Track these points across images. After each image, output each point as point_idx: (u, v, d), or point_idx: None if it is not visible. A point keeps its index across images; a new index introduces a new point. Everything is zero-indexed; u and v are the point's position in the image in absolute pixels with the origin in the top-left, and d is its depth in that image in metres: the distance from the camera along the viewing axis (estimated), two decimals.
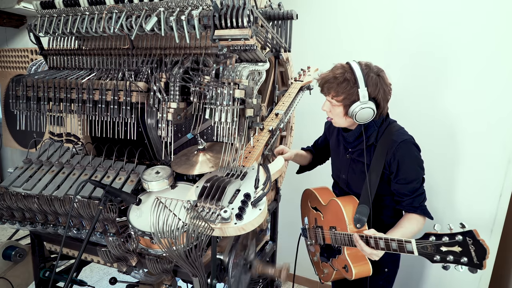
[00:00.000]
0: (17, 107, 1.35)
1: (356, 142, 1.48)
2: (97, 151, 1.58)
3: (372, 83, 1.31)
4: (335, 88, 1.34)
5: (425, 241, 1.11)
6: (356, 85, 1.30)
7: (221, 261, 1.22)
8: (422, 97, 2.12)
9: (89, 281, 2.45)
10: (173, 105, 1.16)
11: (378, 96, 1.33)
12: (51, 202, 1.26)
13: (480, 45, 1.94)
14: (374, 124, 1.42)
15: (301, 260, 1.87)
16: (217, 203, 1.08)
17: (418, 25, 2.08)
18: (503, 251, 2.10)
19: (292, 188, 2.64)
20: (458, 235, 1.05)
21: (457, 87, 2.04)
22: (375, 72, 1.33)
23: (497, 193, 2.00)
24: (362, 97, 1.30)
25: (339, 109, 1.38)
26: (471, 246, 1.02)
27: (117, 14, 1.22)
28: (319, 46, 2.39)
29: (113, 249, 1.15)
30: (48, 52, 1.47)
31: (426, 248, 1.10)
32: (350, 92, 1.31)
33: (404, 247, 1.17)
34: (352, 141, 1.48)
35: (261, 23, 1.18)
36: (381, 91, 1.33)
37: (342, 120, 1.42)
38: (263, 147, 1.40)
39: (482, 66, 1.95)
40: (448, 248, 1.06)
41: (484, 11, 1.90)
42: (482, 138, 2.00)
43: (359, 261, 1.38)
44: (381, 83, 1.33)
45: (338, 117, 1.41)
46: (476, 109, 2.00)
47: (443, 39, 2.02)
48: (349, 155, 1.52)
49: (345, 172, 1.56)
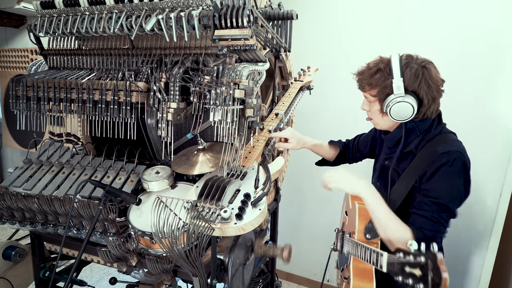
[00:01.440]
0: (17, 107, 1.35)
1: (395, 148, 1.27)
2: (97, 151, 1.58)
3: (411, 74, 1.12)
4: (368, 80, 1.18)
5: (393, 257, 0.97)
6: (390, 76, 1.13)
7: (221, 261, 1.22)
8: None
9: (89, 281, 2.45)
10: (173, 105, 1.16)
11: (420, 90, 1.12)
12: (51, 202, 1.26)
13: (480, 44, 1.94)
14: (418, 129, 1.20)
15: (301, 259, 1.87)
16: (217, 203, 1.08)
17: (418, 25, 2.08)
18: (503, 251, 2.10)
19: (292, 188, 2.65)
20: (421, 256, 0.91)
21: (457, 87, 2.03)
22: (418, 63, 1.14)
23: (497, 193, 2.00)
24: (396, 88, 1.11)
25: (376, 106, 1.21)
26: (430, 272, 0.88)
27: (117, 14, 1.22)
28: (319, 46, 2.40)
29: (113, 249, 1.15)
30: (48, 52, 1.47)
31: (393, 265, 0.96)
32: (384, 84, 1.14)
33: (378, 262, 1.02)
34: (392, 146, 1.29)
35: (261, 23, 1.18)
36: (424, 84, 1.12)
37: (381, 120, 1.24)
38: (263, 147, 1.40)
39: (482, 66, 1.95)
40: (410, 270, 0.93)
41: (484, 11, 1.90)
42: (482, 138, 2.00)
43: (361, 276, 1.25)
44: (424, 76, 1.12)
45: (376, 116, 1.24)
46: (476, 108, 2.00)
47: (443, 39, 2.02)
48: (388, 161, 1.33)
49: (379, 180, 1.38)
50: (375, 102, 1.21)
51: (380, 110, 1.21)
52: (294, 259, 1.77)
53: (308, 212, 2.69)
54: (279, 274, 2.74)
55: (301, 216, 2.74)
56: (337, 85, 2.35)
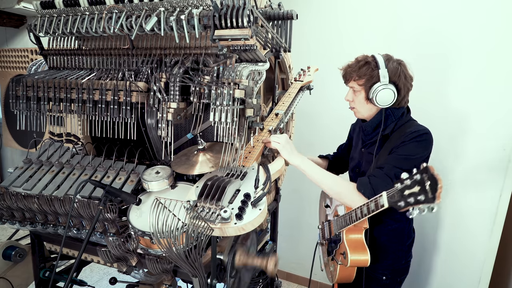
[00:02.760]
0: (17, 107, 1.35)
1: (374, 133, 1.47)
2: (97, 151, 1.58)
3: (393, 67, 1.34)
4: (357, 71, 1.37)
5: (393, 190, 1.11)
6: (377, 67, 1.34)
7: (221, 261, 1.22)
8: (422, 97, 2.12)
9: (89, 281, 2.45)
10: (173, 105, 1.16)
11: (399, 81, 1.34)
12: (51, 202, 1.26)
13: (480, 45, 1.94)
14: (393, 115, 1.41)
15: (301, 260, 1.87)
16: (217, 203, 1.08)
17: (418, 25, 2.08)
18: (503, 251, 2.10)
19: (292, 188, 2.65)
20: (416, 175, 1.04)
21: (457, 87, 2.04)
22: (395, 60, 1.37)
23: (497, 193, 2.00)
24: (383, 77, 1.32)
25: (361, 95, 1.40)
26: (427, 182, 1.00)
27: (117, 14, 1.22)
28: (319, 46, 2.40)
29: (113, 249, 1.15)
30: (48, 52, 1.47)
31: (393, 196, 1.10)
32: (372, 74, 1.34)
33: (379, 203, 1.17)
34: (370, 131, 1.48)
35: (261, 23, 1.18)
36: (402, 77, 1.35)
37: (364, 107, 1.42)
38: (263, 147, 1.40)
39: (482, 65, 1.95)
40: (409, 191, 1.05)
41: (484, 10, 1.90)
42: (482, 138, 2.00)
43: (357, 249, 1.38)
44: (401, 70, 1.35)
45: (360, 104, 1.42)
46: (476, 109, 2.00)
47: (443, 39, 2.02)
48: (364, 148, 1.52)
49: (359, 165, 1.56)
50: (360, 92, 1.40)
51: (365, 98, 1.39)
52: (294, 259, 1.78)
53: (308, 212, 2.69)
54: (279, 274, 2.74)
55: (301, 216, 2.74)
56: (337, 85, 2.34)
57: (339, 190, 1.37)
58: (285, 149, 1.35)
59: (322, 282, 2.71)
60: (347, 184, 1.38)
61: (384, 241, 1.47)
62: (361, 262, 1.37)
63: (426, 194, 0.99)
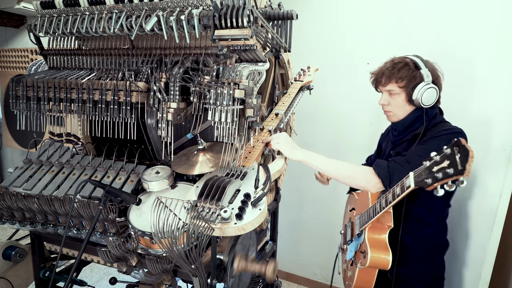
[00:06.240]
0: (17, 107, 1.35)
1: (404, 133, 1.41)
2: (97, 151, 1.58)
3: (430, 66, 1.33)
4: (396, 74, 1.33)
5: (420, 169, 1.06)
6: (417, 68, 1.31)
7: (221, 261, 1.22)
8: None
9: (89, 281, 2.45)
10: (173, 105, 1.16)
11: (437, 80, 1.33)
12: (51, 202, 1.26)
13: (480, 45, 1.94)
14: (426, 115, 1.36)
15: (301, 259, 1.87)
16: (217, 203, 1.08)
17: (418, 25, 2.08)
18: (503, 251, 2.10)
19: (292, 188, 2.65)
20: (447, 149, 0.98)
21: (457, 87, 2.03)
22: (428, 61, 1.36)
23: (497, 193, 2.00)
24: (426, 76, 1.30)
25: (400, 97, 1.36)
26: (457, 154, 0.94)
27: (117, 14, 1.22)
28: (319, 46, 2.39)
29: (113, 249, 1.15)
30: (48, 52, 1.47)
31: (421, 175, 1.05)
32: (412, 75, 1.31)
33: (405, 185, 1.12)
34: (402, 130, 1.42)
35: (261, 23, 1.18)
36: (439, 75, 1.34)
37: (402, 109, 1.38)
38: (263, 147, 1.40)
39: (481, 65, 1.95)
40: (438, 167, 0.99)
41: (484, 10, 1.90)
42: (482, 138, 2.00)
43: (378, 249, 1.30)
44: (435, 69, 1.35)
45: (398, 107, 1.38)
46: (476, 109, 2.00)
47: (444, 39, 2.02)
48: (392, 150, 1.45)
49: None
50: (399, 94, 1.35)
51: (406, 99, 1.35)
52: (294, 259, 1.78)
53: (308, 212, 2.69)
54: (279, 274, 2.74)
55: (301, 216, 2.74)
56: (337, 85, 2.35)
57: (351, 172, 1.33)
58: (286, 148, 1.33)
59: (322, 282, 2.71)
60: (360, 166, 1.35)
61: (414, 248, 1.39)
62: (381, 262, 1.29)
63: (456, 167, 0.93)
